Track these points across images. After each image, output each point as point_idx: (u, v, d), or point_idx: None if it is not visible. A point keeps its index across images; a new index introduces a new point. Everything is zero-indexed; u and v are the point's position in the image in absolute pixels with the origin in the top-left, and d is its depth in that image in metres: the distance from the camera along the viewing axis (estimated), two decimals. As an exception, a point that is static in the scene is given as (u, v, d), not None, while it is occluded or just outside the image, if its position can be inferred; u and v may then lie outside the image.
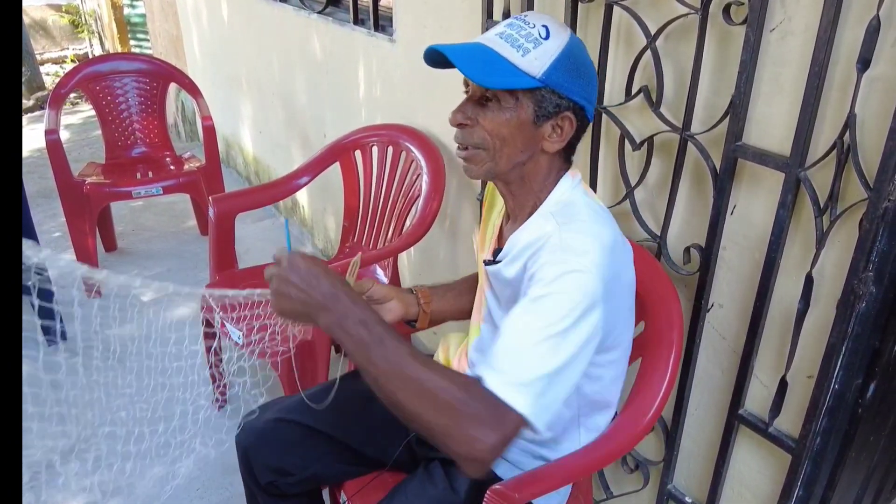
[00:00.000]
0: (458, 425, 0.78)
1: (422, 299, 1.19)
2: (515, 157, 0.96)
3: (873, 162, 0.92)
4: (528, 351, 0.82)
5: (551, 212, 0.98)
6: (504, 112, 0.93)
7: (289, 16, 2.72)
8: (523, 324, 0.84)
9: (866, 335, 1.01)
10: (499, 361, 0.82)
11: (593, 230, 0.92)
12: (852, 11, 0.92)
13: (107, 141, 3.03)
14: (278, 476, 1.20)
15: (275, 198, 2.13)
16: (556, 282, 0.85)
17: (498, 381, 0.80)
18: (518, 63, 0.90)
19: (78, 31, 8.05)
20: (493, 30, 0.94)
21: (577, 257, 0.86)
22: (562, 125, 0.95)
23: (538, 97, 0.92)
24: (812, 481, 1.14)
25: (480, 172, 0.99)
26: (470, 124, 0.96)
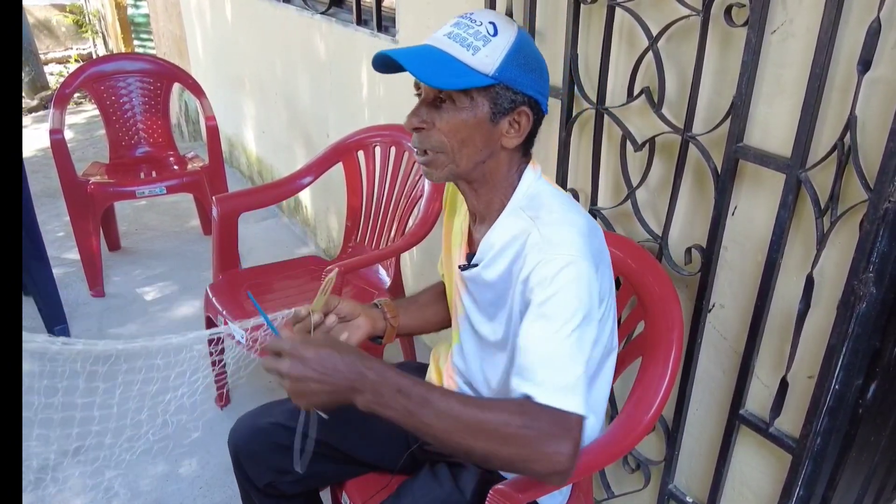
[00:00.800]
0: (532, 449, 0.80)
1: (388, 314, 1.16)
2: (476, 156, 0.96)
3: (874, 163, 0.93)
4: (558, 355, 0.84)
5: (520, 206, 0.98)
6: (460, 112, 0.92)
7: (292, 16, 2.73)
8: (542, 332, 0.86)
9: (867, 336, 1.02)
10: (537, 374, 0.83)
11: (567, 219, 0.94)
12: (853, 13, 0.93)
13: (111, 141, 3.05)
14: (277, 475, 1.20)
15: (278, 198, 2.13)
16: (554, 281, 0.86)
17: (547, 394, 0.82)
18: (469, 62, 0.89)
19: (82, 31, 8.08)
20: (441, 31, 0.93)
21: (563, 250, 0.88)
22: (518, 120, 0.95)
23: (493, 94, 0.92)
24: (813, 481, 1.14)
25: (442, 175, 0.98)
26: (426, 128, 0.94)
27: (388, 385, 0.82)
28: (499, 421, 0.81)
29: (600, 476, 1.58)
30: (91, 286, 2.73)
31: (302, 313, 1.02)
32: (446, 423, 0.81)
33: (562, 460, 0.80)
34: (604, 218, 1.41)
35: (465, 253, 1.08)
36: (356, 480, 1.27)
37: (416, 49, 0.91)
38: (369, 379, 0.82)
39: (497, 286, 1.00)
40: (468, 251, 1.08)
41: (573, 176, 1.47)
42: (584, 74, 1.37)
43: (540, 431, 0.80)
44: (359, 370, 0.82)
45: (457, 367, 1.15)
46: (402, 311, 1.20)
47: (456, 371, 1.15)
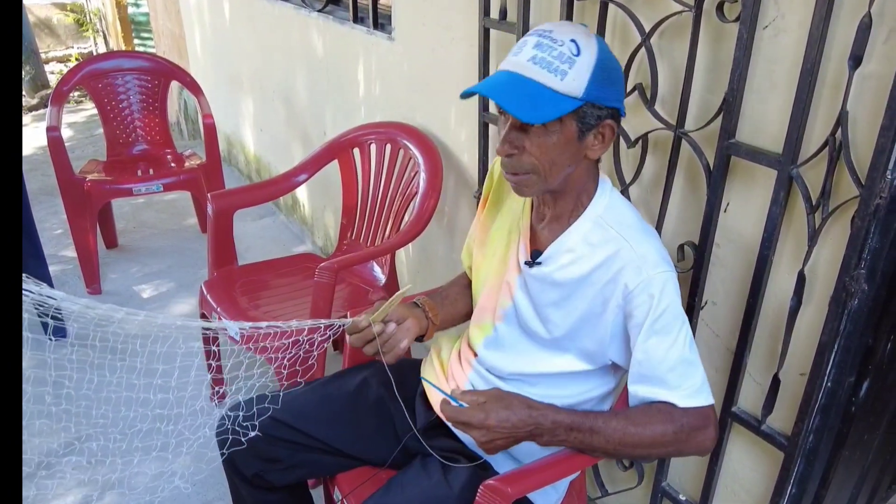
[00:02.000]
0: (687, 445, 0.99)
1: (429, 312, 1.19)
2: (564, 171, 0.99)
3: (865, 159, 0.92)
4: (681, 362, 0.97)
5: (599, 215, 1.03)
6: (550, 136, 0.94)
7: (289, 14, 2.73)
8: (662, 344, 0.97)
9: (858, 333, 1.01)
10: (673, 382, 0.98)
11: (652, 234, 1.03)
12: (844, 9, 0.92)
13: (108, 138, 3.05)
14: (266, 464, 1.20)
15: (273, 195, 2.13)
16: (662, 298, 0.96)
17: (687, 397, 0.98)
18: (559, 88, 0.90)
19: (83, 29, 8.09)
20: (523, 54, 0.92)
21: (660, 268, 0.97)
22: (603, 132, 0.97)
23: (580, 114, 0.93)
24: (805, 479, 1.14)
25: (533, 192, 1.01)
26: (517, 153, 0.96)
27: (561, 426, 0.97)
28: (656, 433, 0.97)
29: (594, 474, 1.57)
30: (88, 284, 2.73)
31: (362, 324, 1.06)
32: (614, 445, 0.98)
33: (709, 444, 1.00)
34: (597, 215, 1.41)
35: (528, 250, 1.09)
36: (347, 474, 1.26)
37: (503, 79, 0.92)
38: (545, 427, 0.97)
39: (567, 287, 1.03)
40: (532, 248, 1.09)
41: (567, 173, 1.47)
42: (578, 71, 1.36)
43: (690, 430, 0.97)
44: (534, 421, 0.96)
45: (482, 357, 1.16)
46: (441, 308, 1.22)
47: (478, 360, 1.16)
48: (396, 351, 1.08)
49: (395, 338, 1.08)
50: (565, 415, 0.98)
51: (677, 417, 0.97)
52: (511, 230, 1.13)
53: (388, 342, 1.08)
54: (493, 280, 1.15)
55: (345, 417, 1.23)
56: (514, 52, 0.94)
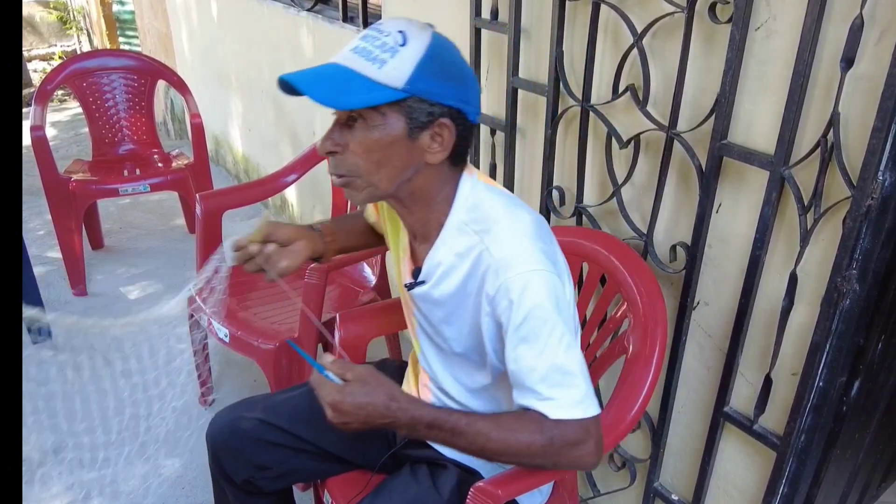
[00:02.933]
0: (560, 458, 0.89)
1: (328, 238, 1.14)
2: (397, 176, 0.91)
3: (857, 160, 0.93)
4: (555, 371, 0.87)
5: (463, 221, 0.94)
6: (372, 131, 0.87)
7: (278, 13, 2.71)
8: (529, 353, 0.87)
9: (850, 333, 1.02)
10: (544, 392, 0.87)
11: (514, 227, 0.92)
12: (836, 10, 0.92)
13: (94, 138, 3.01)
14: (256, 471, 1.19)
15: (262, 195, 2.12)
16: (520, 304, 0.86)
17: (560, 409, 0.87)
18: (374, 76, 0.84)
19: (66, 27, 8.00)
20: (348, 45, 0.88)
21: (517, 269, 0.87)
22: (440, 133, 0.89)
23: (406, 108, 0.86)
24: (797, 478, 1.14)
25: (363, 197, 0.94)
26: (340, 151, 0.90)
27: (420, 422, 0.89)
28: (522, 443, 0.88)
29: (586, 474, 1.57)
30: (73, 285, 2.69)
31: (242, 242, 1.03)
32: (477, 449, 0.90)
33: (589, 460, 0.89)
34: (589, 215, 1.41)
35: (410, 269, 1.05)
36: (338, 479, 1.25)
37: (319, 69, 0.87)
38: (402, 421, 0.89)
39: (448, 304, 0.98)
40: (413, 267, 1.04)
41: (559, 173, 1.47)
42: (570, 71, 1.36)
43: (562, 445, 0.87)
44: (391, 415, 0.88)
45: (426, 373, 1.14)
46: (340, 234, 1.18)
47: (428, 376, 1.15)
48: (277, 270, 1.03)
49: (275, 256, 1.03)
50: (427, 411, 0.90)
51: (547, 429, 0.87)
52: (398, 250, 1.10)
53: (269, 260, 1.03)
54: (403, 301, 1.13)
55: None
56: (345, 46, 0.90)
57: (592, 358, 1.33)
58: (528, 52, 1.47)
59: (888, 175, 0.90)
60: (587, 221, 1.42)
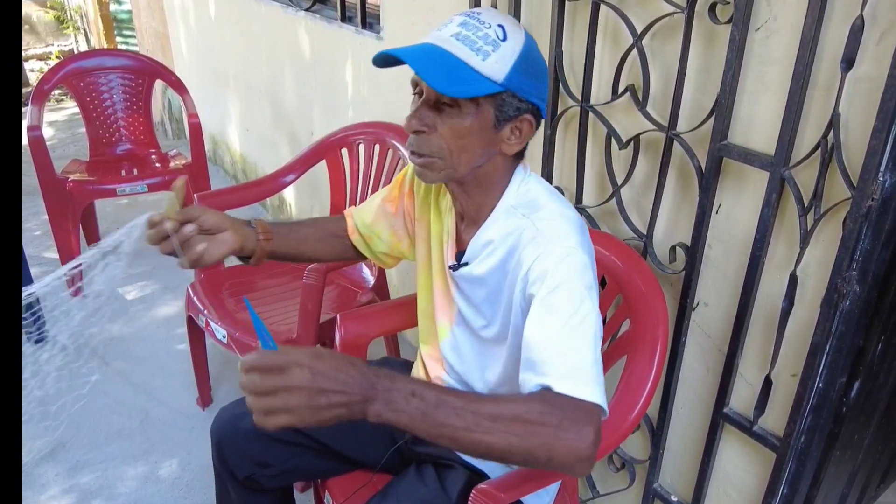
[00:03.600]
0: (555, 437, 0.75)
1: (261, 235, 1.07)
2: (474, 161, 0.93)
3: (857, 161, 0.93)
4: (569, 345, 0.82)
5: (513, 205, 0.97)
6: (465, 119, 0.89)
7: (276, 13, 2.70)
8: (550, 324, 0.84)
9: (850, 334, 1.02)
10: (550, 365, 0.81)
11: (563, 212, 0.94)
12: (836, 11, 0.92)
13: (91, 138, 3.00)
14: (258, 468, 1.18)
15: (261, 196, 2.11)
16: (555, 272, 0.86)
17: (566, 384, 0.79)
18: (479, 68, 0.86)
19: (63, 27, 7.97)
20: (446, 29, 0.89)
21: (560, 242, 0.89)
22: (521, 127, 0.93)
23: (499, 101, 0.89)
24: (797, 479, 1.14)
25: (437, 178, 0.95)
26: (427, 131, 0.91)
27: (400, 390, 0.75)
28: (519, 410, 0.76)
29: (586, 475, 1.57)
30: (70, 285, 2.68)
31: (155, 219, 0.93)
32: (464, 420, 0.75)
33: (585, 447, 0.75)
34: (589, 216, 1.41)
35: (454, 252, 1.06)
36: (339, 479, 1.25)
37: (422, 48, 0.87)
38: (380, 388, 0.74)
39: (489, 282, 0.99)
40: (457, 250, 1.06)
41: (558, 174, 1.47)
42: (569, 72, 1.36)
43: (560, 417, 0.76)
44: (370, 380, 0.74)
45: (448, 362, 1.13)
46: (281, 236, 1.12)
47: (447, 366, 1.14)
48: (192, 254, 0.95)
49: (193, 240, 0.95)
50: (408, 380, 0.76)
51: (549, 399, 0.78)
52: (442, 233, 1.10)
53: (187, 243, 0.95)
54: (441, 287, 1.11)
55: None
56: (439, 28, 0.89)
57: (592, 359, 1.32)
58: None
59: (888, 176, 0.90)
60: (587, 222, 1.41)
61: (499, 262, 0.96)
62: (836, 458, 1.18)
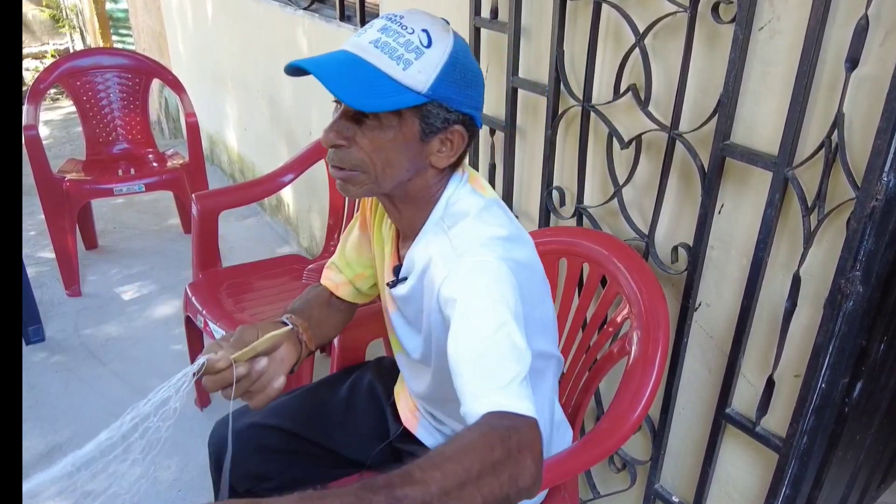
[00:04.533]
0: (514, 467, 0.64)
1: (303, 334, 1.00)
2: (399, 176, 0.88)
3: (861, 161, 0.92)
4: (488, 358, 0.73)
5: (441, 217, 0.92)
6: (385, 132, 0.83)
7: (274, 12, 2.69)
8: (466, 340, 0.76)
9: (853, 335, 1.02)
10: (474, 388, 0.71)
11: (479, 229, 0.87)
12: (841, 10, 0.92)
13: (87, 137, 2.99)
14: (257, 482, 1.17)
15: (259, 195, 2.10)
16: (465, 285, 0.80)
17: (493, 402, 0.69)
18: (400, 78, 0.80)
19: (59, 25, 7.94)
20: (366, 35, 0.83)
21: (471, 256, 0.83)
22: (451, 139, 0.87)
23: (424, 112, 0.83)
24: (799, 480, 1.14)
25: (359, 192, 0.89)
26: (346, 145, 0.85)
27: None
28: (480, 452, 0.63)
29: (586, 476, 1.57)
30: (67, 286, 2.67)
31: (220, 364, 0.83)
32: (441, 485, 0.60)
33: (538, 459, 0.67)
34: (590, 216, 1.40)
35: (392, 267, 1.02)
36: (338, 483, 1.24)
37: (336, 57, 0.81)
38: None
39: (417, 299, 0.95)
40: (395, 264, 1.02)
41: (559, 174, 1.46)
42: (571, 72, 1.35)
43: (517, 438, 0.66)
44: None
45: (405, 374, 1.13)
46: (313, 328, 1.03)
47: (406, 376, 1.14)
48: (268, 392, 0.88)
49: (266, 376, 0.88)
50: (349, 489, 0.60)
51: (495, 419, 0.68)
52: (384, 249, 1.06)
53: (258, 382, 0.87)
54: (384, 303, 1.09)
55: (339, 420, 1.21)
56: (358, 34, 0.84)
57: (593, 360, 1.32)
58: (528, 52, 1.46)
59: (892, 177, 0.90)
60: (588, 222, 1.41)
61: (417, 278, 0.92)
62: (838, 459, 1.17)
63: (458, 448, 0.63)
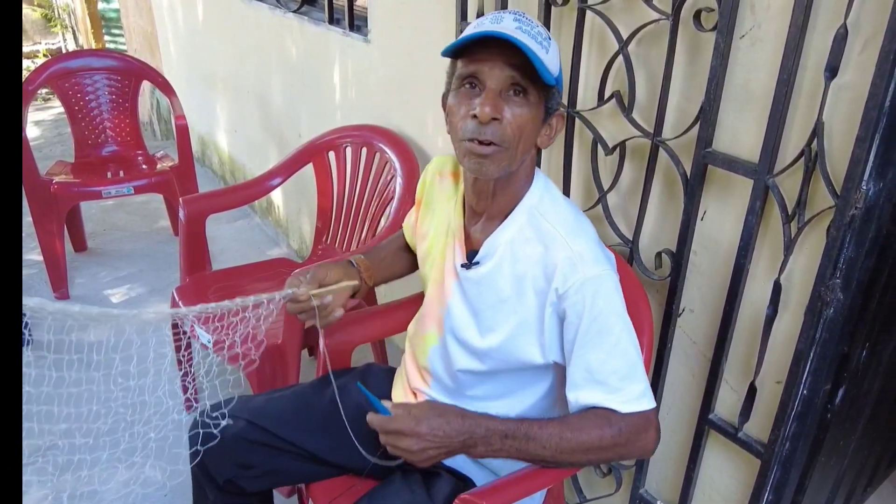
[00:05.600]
0: (626, 449, 0.95)
1: (364, 273, 1.16)
2: (526, 153, 0.96)
3: (840, 170, 0.93)
4: (623, 365, 0.93)
5: (535, 206, 0.99)
6: (531, 108, 0.92)
7: (264, 15, 2.69)
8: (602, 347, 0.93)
9: (834, 341, 1.02)
10: (613, 385, 0.93)
11: (585, 227, 0.99)
12: (820, 19, 0.92)
13: (76, 139, 2.97)
14: (240, 470, 1.17)
15: (247, 199, 2.10)
16: (595, 300, 0.92)
17: (627, 402, 0.93)
18: (546, 61, 0.89)
19: (51, 25, 7.91)
20: (505, 23, 0.89)
21: (599, 266, 0.94)
22: (553, 123, 0.98)
23: (550, 95, 0.94)
24: (781, 486, 1.14)
25: (497, 170, 0.94)
26: (500, 119, 0.90)
27: (496, 434, 0.93)
28: (593, 437, 0.93)
29: (572, 480, 1.57)
30: (55, 288, 2.65)
31: (302, 297, 1.02)
32: (551, 451, 0.93)
33: (651, 446, 0.96)
34: (575, 221, 1.40)
35: (464, 251, 1.05)
36: (322, 484, 1.24)
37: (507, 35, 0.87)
38: (478, 434, 0.93)
39: (502, 286, 0.99)
40: (468, 249, 1.05)
41: (545, 179, 1.46)
42: (556, 77, 1.35)
43: (630, 434, 0.93)
44: (468, 430, 0.93)
45: (433, 370, 1.12)
46: (374, 270, 1.19)
47: (432, 378, 1.13)
48: (330, 319, 1.06)
49: (331, 307, 1.05)
50: (499, 423, 0.94)
51: (615, 421, 0.93)
52: (446, 234, 1.10)
53: (325, 311, 1.05)
54: (434, 290, 1.12)
55: (324, 425, 1.21)
56: (493, 21, 0.90)
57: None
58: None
59: (872, 185, 0.90)
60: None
61: (522, 269, 0.98)
62: (821, 465, 1.18)
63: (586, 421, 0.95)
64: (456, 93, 0.94)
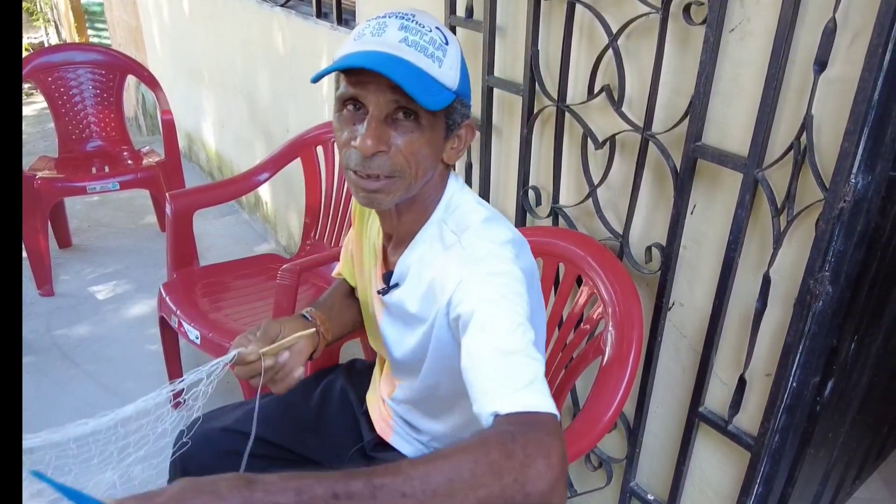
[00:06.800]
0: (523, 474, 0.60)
1: (321, 326, 1.02)
2: (425, 176, 0.86)
3: (829, 163, 0.93)
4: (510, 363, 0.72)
5: (442, 219, 0.91)
6: (423, 132, 0.81)
7: (251, 8, 2.66)
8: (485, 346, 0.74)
9: (823, 334, 1.02)
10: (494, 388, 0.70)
11: (492, 234, 0.86)
12: (809, 13, 0.92)
13: (60, 134, 2.93)
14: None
15: (234, 194, 2.08)
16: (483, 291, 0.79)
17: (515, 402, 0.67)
18: (437, 76, 0.79)
19: (33, 19, 7.80)
20: (387, 34, 0.79)
21: (490, 262, 0.82)
22: (462, 134, 0.88)
23: (450, 110, 0.83)
24: (771, 478, 1.15)
25: (391, 202, 0.86)
26: (387, 150, 0.81)
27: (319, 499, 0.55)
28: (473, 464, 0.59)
29: (562, 475, 1.57)
30: (39, 285, 2.62)
31: (250, 357, 0.88)
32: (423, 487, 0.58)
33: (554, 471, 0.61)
34: (565, 216, 1.40)
35: (381, 274, 1.00)
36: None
37: (378, 57, 0.77)
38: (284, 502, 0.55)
39: (414, 304, 0.92)
40: (384, 271, 0.99)
41: (535, 173, 1.46)
42: (545, 71, 1.35)
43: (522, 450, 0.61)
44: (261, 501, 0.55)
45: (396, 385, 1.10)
46: (331, 322, 1.06)
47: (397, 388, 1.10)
48: (289, 381, 0.94)
49: (288, 366, 0.93)
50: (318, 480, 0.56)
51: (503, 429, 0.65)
52: (373, 256, 1.03)
53: (281, 372, 0.93)
54: (367, 313, 1.08)
55: (311, 425, 1.20)
56: (375, 33, 0.79)
57: (569, 359, 1.32)
58: (503, 51, 1.45)
59: (860, 178, 0.90)
60: (563, 222, 1.41)
61: (427, 284, 0.89)
62: (811, 457, 1.19)
63: (454, 449, 0.61)
64: (339, 115, 0.83)
